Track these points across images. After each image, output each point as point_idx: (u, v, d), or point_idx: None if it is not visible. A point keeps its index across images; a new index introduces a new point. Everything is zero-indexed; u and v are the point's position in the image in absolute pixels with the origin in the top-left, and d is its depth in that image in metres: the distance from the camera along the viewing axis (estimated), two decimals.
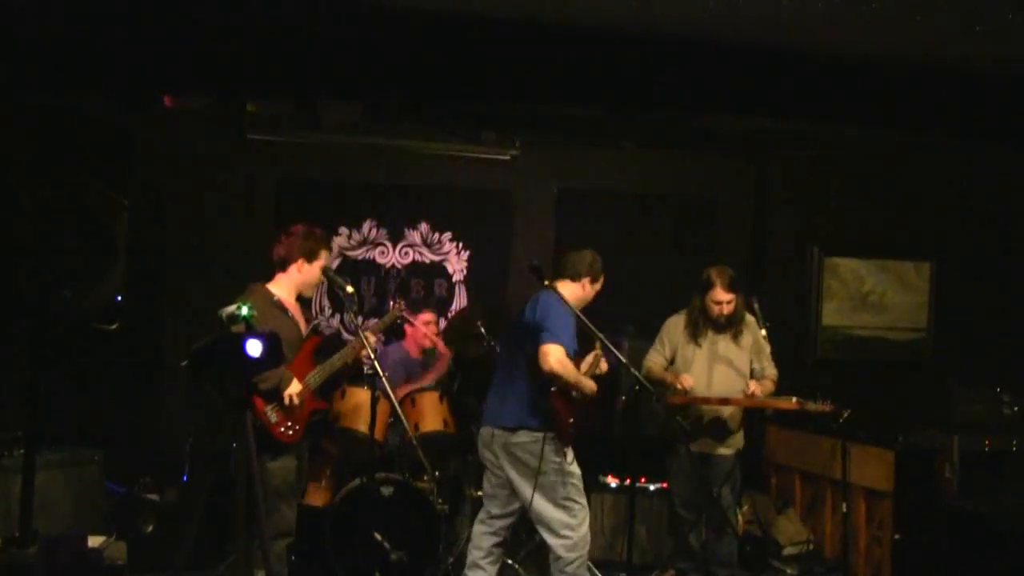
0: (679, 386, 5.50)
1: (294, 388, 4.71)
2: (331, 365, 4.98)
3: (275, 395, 4.65)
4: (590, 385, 4.82)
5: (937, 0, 3.82)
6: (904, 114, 4.78)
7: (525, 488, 4.75)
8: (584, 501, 4.84)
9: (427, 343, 6.27)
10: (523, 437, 4.74)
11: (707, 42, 3.74)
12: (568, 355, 4.71)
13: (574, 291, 4.93)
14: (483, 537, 4.98)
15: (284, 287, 4.84)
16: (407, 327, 6.27)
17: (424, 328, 6.24)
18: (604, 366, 5.09)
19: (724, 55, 3.88)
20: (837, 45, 3.83)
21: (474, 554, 4.97)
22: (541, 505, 4.75)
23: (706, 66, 4.04)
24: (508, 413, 4.80)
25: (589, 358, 5.04)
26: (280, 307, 4.75)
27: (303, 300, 5.06)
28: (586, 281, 4.96)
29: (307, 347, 4.91)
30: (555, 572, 4.79)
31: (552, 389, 4.69)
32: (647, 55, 3.92)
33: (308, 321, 5.00)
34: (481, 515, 5.03)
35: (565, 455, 4.78)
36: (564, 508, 4.76)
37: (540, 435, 4.70)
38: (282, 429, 4.68)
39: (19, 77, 4.10)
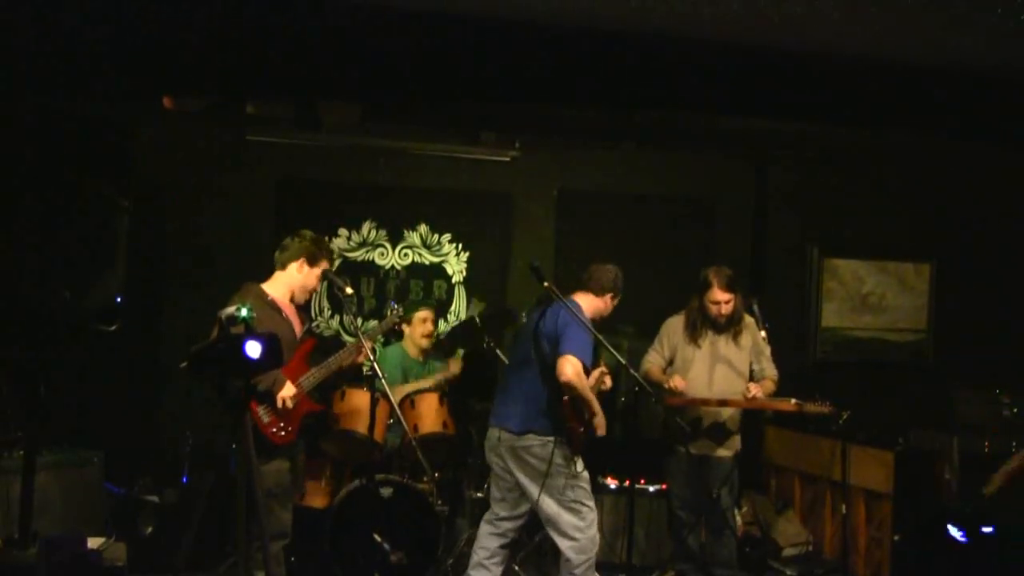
0: (668, 386, 5.49)
1: (287, 391, 4.71)
2: (327, 367, 4.97)
3: (268, 397, 4.64)
4: (598, 408, 4.81)
5: (937, 1, 3.82)
6: (904, 114, 4.78)
7: (534, 491, 4.76)
8: (592, 504, 4.85)
9: (423, 343, 6.25)
10: (531, 441, 4.75)
11: (707, 42, 3.74)
12: (585, 369, 4.72)
13: (595, 304, 4.97)
14: (490, 538, 4.97)
15: (280, 287, 4.83)
16: (405, 327, 6.25)
17: (420, 326, 6.22)
18: (608, 382, 5.09)
19: (725, 55, 3.88)
20: (837, 46, 3.83)
21: (479, 554, 4.96)
22: (550, 507, 4.76)
23: (707, 67, 4.04)
24: (516, 417, 4.81)
25: (596, 373, 5.04)
26: (274, 307, 4.75)
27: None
28: (608, 296, 5.01)
29: (302, 349, 4.90)
30: (564, 573, 4.80)
31: (564, 398, 4.70)
32: (647, 56, 3.92)
33: (304, 322, 5.00)
34: (488, 516, 5.03)
35: (575, 463, 4.79)
36: (573, 510, 4.77)
37: (548, 439, 4.72)
38: (274, 430, 4.68)
39: (19, 77, 4.10)
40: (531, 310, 5.06)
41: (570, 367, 4.61)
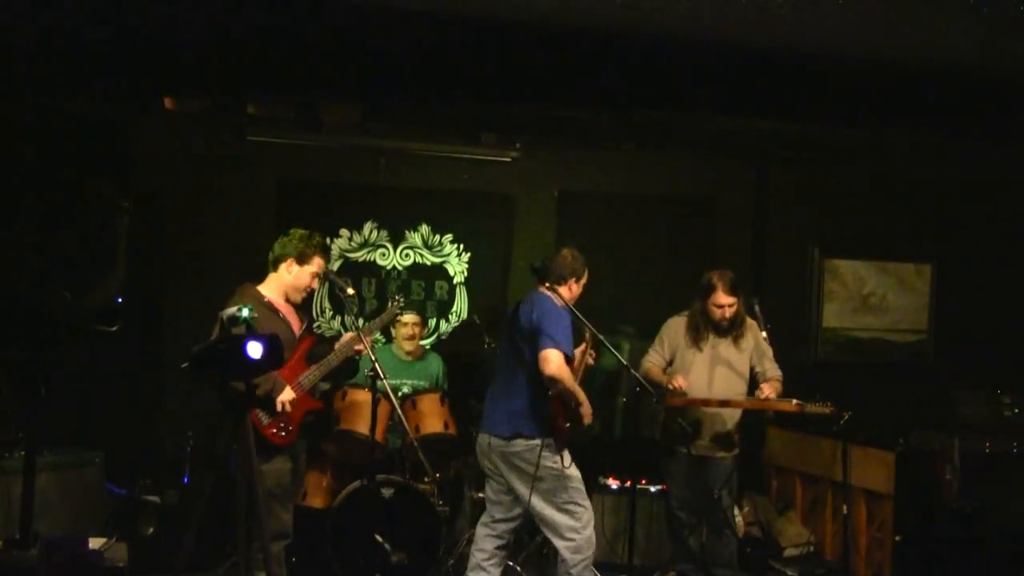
0: (670, 386, 5.48)
1: (286, 395, 4.71)
2: (327, 364, 4.97)
3: (268, 402, 4.65)
4: (583, 397, 4.80)
5: (937, 1, 3.82)
6: (904, 115, 4.78)
7: (526, 494, 4.76)
8: (587, 503, 4.85)
9: (406, 345, 6.27)
10: (519, 446, 4.76)
11: (707, 42, 3.74)
12: (567, 359, 4.71)
13: (563, 295, 4.93)
14: (486, 539, 4.98)
15: (273, 288, 4.85)
16: (392, 328, 6.29)
17: (402, 328, 6.23)
18: (591, 359, 5.09)
19: (725, 55, 3.88)
20: (837, 46, 3.83)
21: (477, 556, 4.97)
22: (544, 509, 4.76)
23: (707, 67, 4.04)
24: (504, 421, 4.82)
25: (578, 351, 5.02)
26: (270, 308, 4.76)
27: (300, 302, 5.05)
28: (571, 283, 4.97)
29: (301, 348, 4.91)
30: (562, 574, 4.80)
31: (550, 392, 4.69)
32: (647, 56, 3.92)
33: (303, 320, 5.00)
34: (484, 518, 5.04)
35: (562, 459, 4.78)
36: (567, 512, 4.77)
37: (536, 442, 4.72)
38: (274, 431, 4.68)
39: (19, 77, 4.10)
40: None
41: (553, 361, 4.60)
